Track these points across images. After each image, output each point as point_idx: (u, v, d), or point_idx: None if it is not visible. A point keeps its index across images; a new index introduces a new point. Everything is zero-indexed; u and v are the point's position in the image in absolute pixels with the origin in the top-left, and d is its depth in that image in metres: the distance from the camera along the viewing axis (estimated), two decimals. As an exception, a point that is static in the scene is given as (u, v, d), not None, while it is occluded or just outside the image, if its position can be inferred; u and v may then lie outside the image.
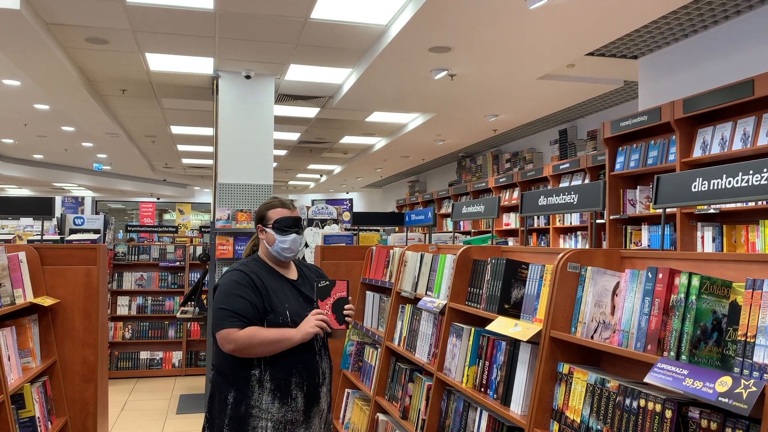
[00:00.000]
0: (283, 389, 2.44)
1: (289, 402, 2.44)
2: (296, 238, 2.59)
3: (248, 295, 2.44)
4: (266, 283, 2.51)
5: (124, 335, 7.57)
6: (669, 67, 5.77)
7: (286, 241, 2.57)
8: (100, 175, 16.75)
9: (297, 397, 2.46)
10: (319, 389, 2.52)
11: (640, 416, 1.68)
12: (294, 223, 2.60)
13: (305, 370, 2.48)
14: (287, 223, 2.58)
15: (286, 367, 2.45)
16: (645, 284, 1.81)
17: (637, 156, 5.37)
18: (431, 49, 5.56)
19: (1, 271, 3.05)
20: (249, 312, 2.42)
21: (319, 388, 2.52)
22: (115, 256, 7.64)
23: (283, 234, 2.57)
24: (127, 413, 5.96)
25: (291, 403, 2.44)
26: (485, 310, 2.61)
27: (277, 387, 2.43)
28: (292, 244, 2.58)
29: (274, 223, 2.58)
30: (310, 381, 2.49)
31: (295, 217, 2.61)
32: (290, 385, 2.45)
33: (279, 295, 2.50)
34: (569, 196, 2.59)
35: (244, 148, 6.76)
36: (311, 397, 2.49)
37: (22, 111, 8.97)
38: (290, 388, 2.45)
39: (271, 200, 2.66)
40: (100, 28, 5.50)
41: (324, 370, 2.56)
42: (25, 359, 3.24)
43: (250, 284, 2.47)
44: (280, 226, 2.57)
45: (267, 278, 2.54)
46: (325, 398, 2.57)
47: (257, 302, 2.45)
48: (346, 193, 21.54)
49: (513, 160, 10.22)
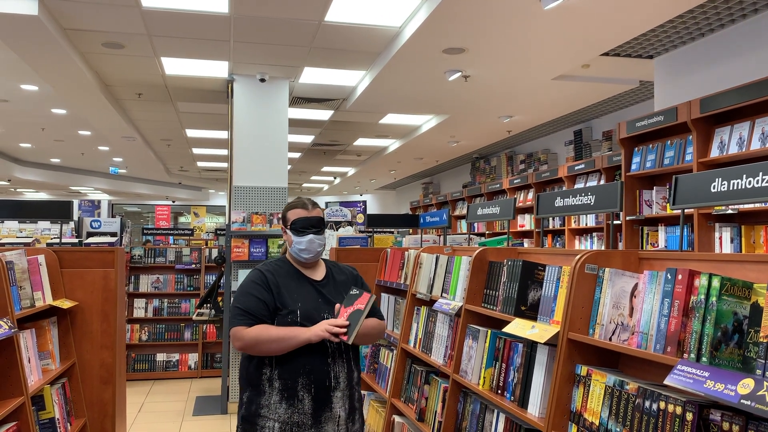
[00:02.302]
0: (290, 390, 2.41)
1: (296, 404, 2.41)
2: (313, 239, 2.55)
3: (260, 294, 2.46)
4: (282, 281, 2.51)
5: (141, 337, 7.62)
6: (685, 66, 5.72)
7: (302, 242, 2.55)
8: (116, 179, 16.90)
9: (304, 399, 2.42)
10: (330, 393, 2.45)
11: (660, 419, 1.67)
12: (311, 223, 2.57)
13: (313, 372, 2.43)
14: (303, 223, 2.56)
15: (294, 367, 2.42)
16: (664, 286, 1.79)
17: (653, 156, 5.33)
18: (445, 51, 5.55)
19: (21, 274, 3.08)
20: (259, 310, 2.43)
21: (331, 392, 2.46)
22: (132, 258, 7.70)
23: (300, 235, 2.55)
24: (144, 415, 6.01)
25: (298, 405, 2.41)
26: (502, 312, 2.60)
27: (284, 387, 2.42)
28: (309, 245, 2.55)
29: (292, 224, 2.58)
30: (319, 384, 2.43)
31: (313, 218, 2.58)
32: (297, 386, 2.42)
33: (294, 294, 2.49)
34: (586, 197, 2.57)
35: (259, 151, 6.79)
36: (320, 401, 2.43)
37: (40, 116, 9.08)
38: (297, 389, 2.41)
39: (293, 201, 2.67)
40: (117, 32, 5.56)
41: (337, 375, 2.48)
42: (44, 361, 3.28)
43: (264, 283, 2.48)
44: (296, 227, 2.56)
45: (285, 277, 2.54)
46: (340, 404, 2.47)
47: (269, 300, 2.45)
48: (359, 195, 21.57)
49: (527, 161, 10.18)
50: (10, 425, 2.57)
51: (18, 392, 2.68)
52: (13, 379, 2.68)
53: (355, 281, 2.66)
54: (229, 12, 5.06)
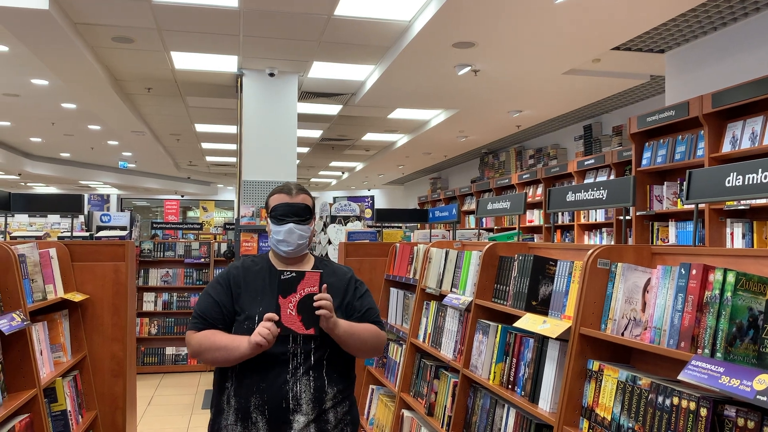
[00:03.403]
0: (244, 411, 2.08)
1: (250, 426, 2.07)
2: (292, 229, 2.17)
3: (217, 294, 2.15)
4: (248, 281, 2.17)
5: (150, 331, 7.66)
6: (697, 61, 5.68)
7: (280, 232, 2.18)
8: (126, 173, 16.97)
9: (258, 422, 2.06)
10: (288, 416, 2.06)
11: (673, 414, 1.66)
12: (293, 210, 2.19)
13: (267, 390, 2.06)
14: (283, 210, 2.19)
15: (249, 384, 2.09)
16: (678, 281, 1.78)
17: (664, 151, 5.30)
18: (455, 45, 5.53)
19: (33, 267, 3.10)
20: (211, 312, 2.13)
21: (289, 415, 2.06)
22: (141, 253, 7.73)
23: (278, 223, 2.19)
24: (154, 408, 6.04)
25: (251, 428, 2.07)
26: (512, 307, 2.59)
27: (239, 407, 2.09)
28: (287, 236, 2.17)
29: (271, 211, 2.22)
30: (273, 405, 2.05)
31: (295, 204, 2.20)
32: (249, 406, 2.07)
33: (258, 296, 2.12)
34: (598, 191, 2.56)
35: (268, 146, 6.80)
36: (276, 425, 2.06)
37: (50, 110, 9.12)
38: (250, 410, 2.07)
39: (278, 186, 2.31)
40: (127, 27, 5.57)
41: (297, 395, 2.07)
42: (56, 354, 3.30)
43: (225, 282, 2.17)
44: (276, 214, 2.20)
45: (254, 276, 2.19)
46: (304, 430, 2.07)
47: (225, 302, 2.14)
48: (367, 190, 21.57)
49: (537, 156, 10.14)
50: (23, 417, 2.59)
51: (31, 384, 2.69)
52: (25, 371, 2.69)
53: (348, 284, 2.26)
54: (239, 6, 5.06)
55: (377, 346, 2.24)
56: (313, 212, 2.28)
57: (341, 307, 2.20)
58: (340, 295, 2.22)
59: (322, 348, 2.14)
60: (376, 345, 2.23)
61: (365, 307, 2.26)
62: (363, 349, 2.19)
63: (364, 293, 2.29)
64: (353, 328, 2.13)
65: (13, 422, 2.51)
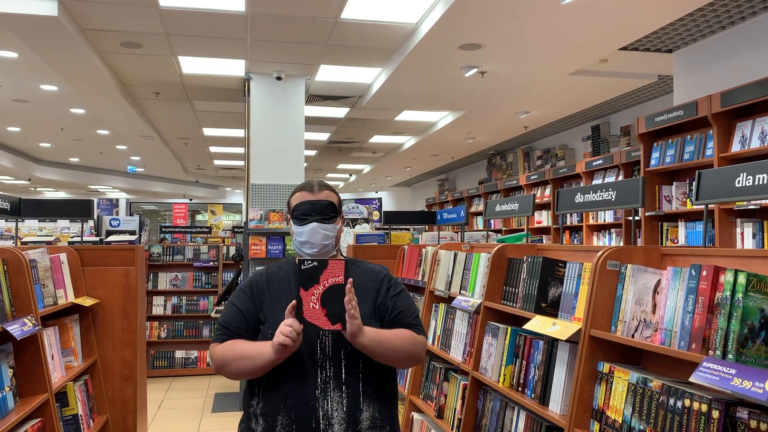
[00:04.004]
0: (270, 430, 1.87)
1: None
2: (316, 229, 1.98)
3: (241, 303, 1.99)
4: (273, 286, 2.00)
5: (160, 335, 7.69)
6: (705, 60, 5.65)
7: (302, 233, 2.00)
8: (134, 177, 17.05)
9: None
10: None
11: (685, 416, 1.65)
12: (315, 209, 2.00)
13: (295, 407, 1.85)
14: (305, 209, 2.00)
15: (275, 401, 1.89)
16: (688, 282, 1.77)
17: (672, 151, 5.27)
18: (462, 47, 5.53)
19: (44, 272, 3.12)
20: (234, 322, 1.96)
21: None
22: (150, 256, 7.76)
23: (300, 223, 2.01)
24: (165, 411, 6.06)
25: None
26: (522, 309, 2.59)
27: (266, 426, 1.88)
28: (311, 236, 1.98)
29: (293, 211, 2.04)
30: (302, 425, 1.83)
31: (318, 201, 2.01)
32: (276, 426, 1.86)
33: (284, 303, 1.87)
34: (607, 192, 2.55)
35: (276, 149, 6.82)
36: None
37: (59, 115, 9.18)
38: (275, 429, 1.86)
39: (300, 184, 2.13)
40: (135, 32, 5.60)
41: (329, 414, 1.84)
42: (67, 358, 3.31)
43: (249, 289, 2.01)
44: (297, 213, 2.02)
45: (278, 283, 2.01)
46: None
47: (249, 311, 1.97)
48: (375, 193, 21.57)
49: (544, 157, 10.12)
50: (35, 421, 2.61)
51: (42, 389, 2.71)
52: (37, 375, 2.71)
53: (381, 284, 2.02)
54: (246, 10, 5.08)
55: (414, 353, 1.96)
56: (339, 210, 2.07)
57: (374, 312, 1.97)
58: (372, 296, 1.98)
59: (355, 356, 1.89)
60: (412, 352, 1.95)
61: (398, 308, 1.99)
62: (397, 359, 1.92)
63: (399, 293, 2.03)
64: (381, 336, 1.86)
65: (25, 426, 2.53)
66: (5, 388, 2.41)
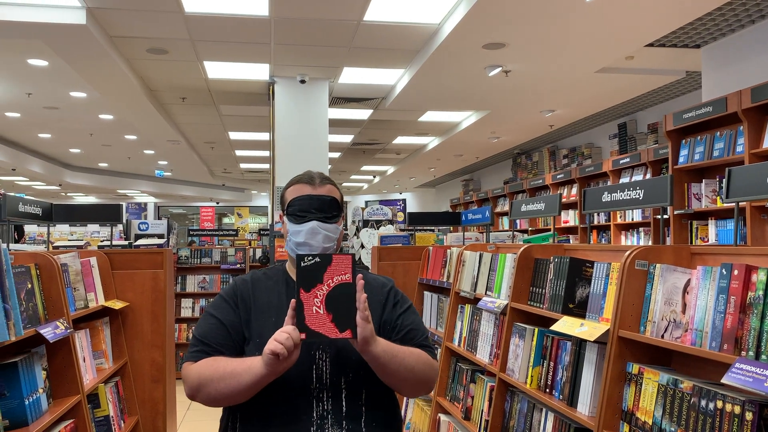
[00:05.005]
0: None
1: None
2: (316, 229, 1.66)
3: (223, 313, 1.66)
4: (258, 297, 1.68)
5: (188, 337, 7.77)
6: (735, 55, 5.55)
7: (299, 233, 1.67)
8: (162, 182, 17.29)
9: None
10: None
11: (717, 418, 1.62)
12: (315, 205, 1.68)
13: None
14: (303, 204, 1.68)
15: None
16: (719, 281, 1.74)
17: (701, 148, 5.19)
18: (485, 46, 5.50)
19: (75, 276, 3.17)
20: (215, 336, 1.62)
21: None
22: (178, 259, 7.86)
23: (297, 221, 1.68)
24: (193, 413, 6.13)
25: None
26: (549, 310, 2.56)
27: None
28: (309, 237, 1.66)
29: (288, 206, 1.72)
30: None
31: (318, 197, 1.69)
32: None
33: (272, 317, 1.61)
34: (635, 191, 2.52)
35: (300, 152, 6.86)
36: None
37: (88, 121, 9.35)
38: None
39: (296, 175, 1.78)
40: (161, 38, 5.68)
41: None
42: (98, 360, 3.37)
43: (231, 297, 1.69)
44: (293, 210, 1.69)
45: (266, 292, 1.69)
46: None
47: (234, 323, 1.64)
48: (399, 194, 21.57)
49: (570, 155, 10.02)
50: (68, 422, 2.66)
51: (74, 390, 2.76)
52: (69, 377, 2.76)
53: (387, 298, 1.72)
54: (270, 15, 5.12)
55: (428, 376, 1.64)
56: (342, 207, 1.77)
57: (379, 330, 1.61)
58: (377, 312, 1.67)
59: (357, 385, 1.59)
60: (426, 375, 1.63)
61: (407, 326, 1.69)
62: (409, 380, 1.59)
63: (407, 308, 1.74)
64: (395, 349, 1.55)
65: (59, 427, 2.57)
66: (39, 389, 2.46)
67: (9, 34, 5.16)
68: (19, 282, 2.33)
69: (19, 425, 2.28)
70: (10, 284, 2.06)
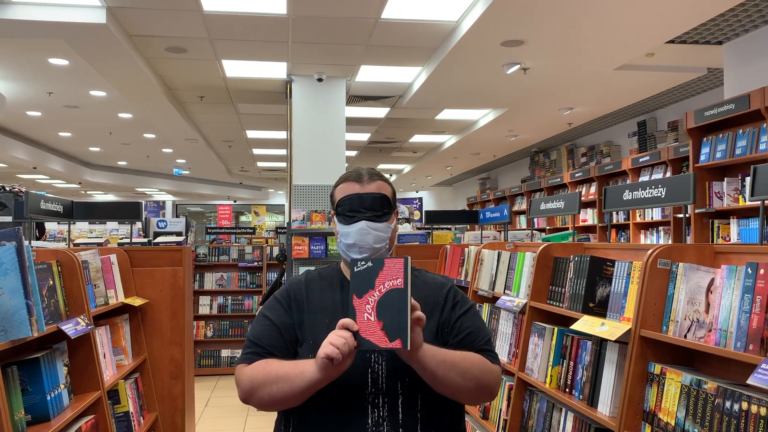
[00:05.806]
0: None
1: None
2: (366, 229, 1.60)
3: (276, 315, 1.62)
4: (312, 299, 1.63)
5: (206, 334, 7.82)
6: (757, 51, 5.46)
7: (349, 234, 1.62)
8: (180, 180, 17.42)
9: None
10: None
11: (742, 420, 1.59)
12: (365, 204, 1.62)
13: None
14: (351, 204, 1.63)
15: None
16: (744, 280, 1.71)
17: (723, 146, 5.12)
18: (503, 44, 5.47)
19: (95, 273, 3.20)
20: (269, 338, 1.59)
21: None
22: (197, 257, 7.91)
23: (346, 222, 1.64)
24: (211, 409, 6.17)
25: None
26: (569, 309, 2.54)
27: None
28: (359, 238, 1.61)
29: (337, 206, 1.67)
30: None
31: (368, 195, 1.63)
32: None
33: (327, 320, 1.55)
34: (656, 189, 2.49)
35: (317, 150, 6.87)
36: None
37: (108, 120, 9.44)
38: None
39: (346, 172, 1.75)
40: (179, 37, 5.71)
41: None
42: (118, 357, 3.40)
43: (287, 299, 1.64)
44: (342, 210, 1.65)
45: (320, 293, 1.64)
46: None
47: (287, 325, 1.60)
48: (415, 192, 21.54)
49: (589, 153, 9.94)
50: (88, 418, 2.68)
51: (95, 386, 2.78)
52: (90, 373, 2.78)
53: (445, 298, 1.64)
54: (287, 13, 5.13)
55: (485, 383, 1.54)
56: (394, 204, 1.70)
57: (436, 333, 1.58)
58: (433, 313, 1.60)
59: (414, 390, 1.52)
60: (483, 382, 1.54)
61: (466, 329, 1.60)
62: (464, 387, 1.50)
63: (467, 310, 1.65)
64: (445, 354, 1.47)
65: (80, 423, 2.60)
66: (60, 385, 2.49)
67: (31, 34, 5.22)
68: (41, 279, 2.36)
69: (41, 420, 2.30)
70: (32, 281, 2.08)
